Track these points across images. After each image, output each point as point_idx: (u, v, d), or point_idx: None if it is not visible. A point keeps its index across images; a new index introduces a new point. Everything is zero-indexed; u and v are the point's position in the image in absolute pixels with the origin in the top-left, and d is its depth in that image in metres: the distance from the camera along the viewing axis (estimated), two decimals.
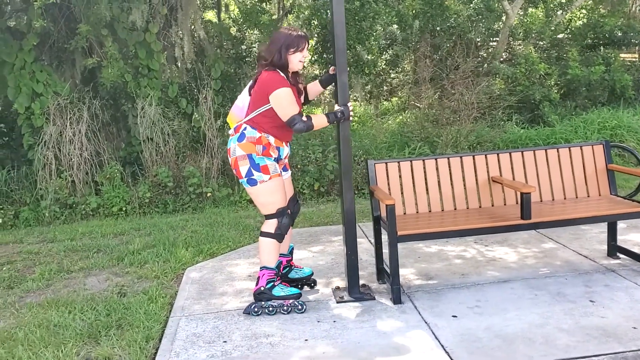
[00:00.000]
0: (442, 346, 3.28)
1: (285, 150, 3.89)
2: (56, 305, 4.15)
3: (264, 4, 9.59)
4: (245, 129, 3.74)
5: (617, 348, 3.13)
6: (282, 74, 3.69)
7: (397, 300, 3.89)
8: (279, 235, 3.81)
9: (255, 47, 9.83)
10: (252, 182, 3.73)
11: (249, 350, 3.37)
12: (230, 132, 3.84)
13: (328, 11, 8.30)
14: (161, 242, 5.55)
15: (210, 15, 11.47)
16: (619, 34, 11.12)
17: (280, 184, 3.78)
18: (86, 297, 4.30)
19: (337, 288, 4.19)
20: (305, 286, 4.23)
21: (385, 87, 11.91)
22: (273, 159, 3.78)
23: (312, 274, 4.26)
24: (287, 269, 4.18)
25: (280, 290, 3.87)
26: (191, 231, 5.96)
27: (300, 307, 3.83)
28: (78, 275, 4.86)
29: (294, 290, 3.89)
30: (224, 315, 3.88)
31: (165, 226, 6.26)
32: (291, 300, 3.84)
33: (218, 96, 8.98)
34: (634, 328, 3.34)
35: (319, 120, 3.72)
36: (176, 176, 7.50)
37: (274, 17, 10.16)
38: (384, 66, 11.05)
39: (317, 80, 4.04)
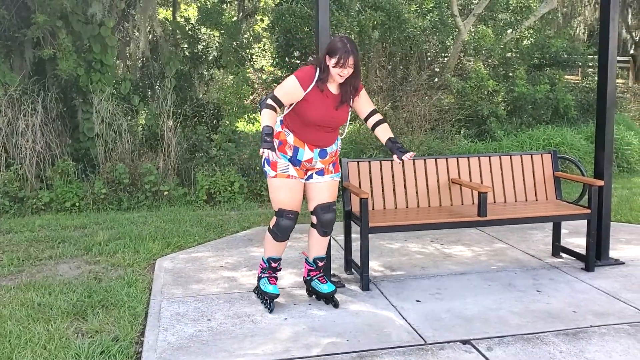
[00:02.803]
0: (409, 324, 3.90)
1: (307, 154, 3.98)
2: (34, 287, 4.51)
3: (224, 4, 10.11)
4: (277, 122, 4.05)
5: (560, 326, 3.84)
6: (317, 72, 3.88)
7: (365, 287, 4.49)
8: (274, 233, 4.06)
9: (212, 47, 10.31)
10: (265, 174, 4.10)
11: (234, 326, 3.87)
12: None
13: (291, 16, 8.91)
14: (126, 235, 5.95)
15: (165, 13, 11.87)
16: (564, 56, 12.28)
17: (286, 185, 3.97)
18: (62, 281, 4.67)
19: None
20: (325, 301, 4.25)
21: None
22: (288, 158, 3.98)
23: (334, 291, 4.19)
24: (309, 278, 4.31)
25: (263, 284, 4.18)
26: (154, 226, 6.37)
27: (268, 307, 4.09)
28: (48, 262, 5.21)
29: (273, 290, 4.09)
30: (203, 298, 4.37)
31: (126, 221, 6.64)
32: (266, 298, 4.15)
33: (172, 95, 9.39)
34: (574, 312, 4.07)
35: (264, 120, 3.79)
36: (132, 173, 7.86)
37: (234, 18, 10.68)
38: None
39: (387, 139, 4.07)
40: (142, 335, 3.77)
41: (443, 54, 12.04)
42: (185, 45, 10.42)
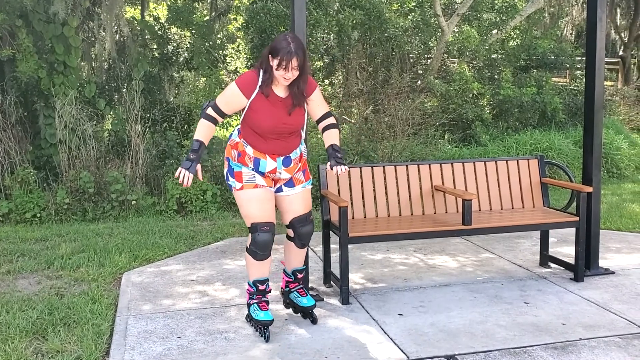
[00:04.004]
0: (392, 339, 3.90)
1: (269, 165, 3.86)
2: None
3: (195, 3, 10.09)
4: (234, 130, 3.98)
5: (548, 340, 3.86)
6: (260, 75, 3.76)
7: (345, 300, 4.49)
8: (252, 252, 3.89)
9: (183, 48, 10.27)
10: (230, 187, 3.93)
11: (205, 344, 3.84)
12: None
13: (267, 15, 8.91)
14: (91, 248, 5.88)
15: (133, 12, 11.82)
16: (551, 57, 12.43)
17: (255, 196, 3.83)
18: (21, 297, 4.59)
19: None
20: (302, 315, 4.19)
21: None
22: (251, 168, 3.86)
23: (313, 306, 4.12)
24: (287, 290, 4.24)
25: (254, 311, 3.95)
26: (121, 238, 6.30)
27: (262, 335, 3.87)
28: (6, 277, 5.12)
29: (265, 317, 3.87)
30: (173, 314, 4.32)
31: (91, 233, 6.56)
32: (259, 326, 3.94)
33: (140, 99, 9.31)
34: (563, 324, 4.10)
35: (197, 132, 3.79)
36: (97, 182, 7.77)
37: (207, 18, 10.66)
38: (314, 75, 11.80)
39: (330, 144, 3.95)
40: (107, 354, 3.73)
41: (426, 56, 12.11)
42: (155, 46, 10.35)
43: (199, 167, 3.79)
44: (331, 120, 4.03)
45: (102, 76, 9.84)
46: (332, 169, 3.88)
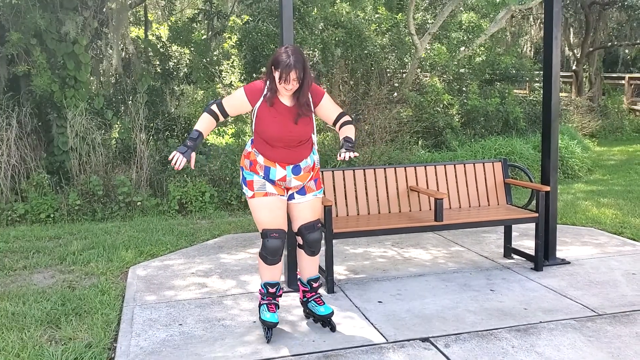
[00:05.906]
0: (372, 324, 3.90)
1: (279, 173, 3.66)
2: (8, 297, 4.38)
3: (194, 23, 10.06)
4: (248, 141, 3.81)
5: (512, 323, 3.89)
6: (267, 85, 3.61)
7: (330, 290, 4.48)
8: (263, 257, 3.73)
9: (183, 64, 10.23)
10: (244, 195, 3.79)
11: (205, 330, 3.82)
12: None
13: (258, 34, 8.90)
14: (100, 244, 5.82)
15: (137, 32, 11.75)
16: (513, 71, 12.53)
17: (265, 204, 3.67)
18: (36, 290, 4.54)
19: None
20: (322, 323, 3.91)
21: None
22: (262, 176, 3.68)
23: (331, 314, 3.85)
24: (305, 299, 3.99)
25: (263, 311, 3.79)
26: (127, 236, 6.25)
27: (266, 336, 3.71)
28: (22, 272, 5.06)
29: (270, 318, 3.71)
30: (175, 304, 4.30)
31: (100, 231, 6.50)
32: (264, 327, 3.77)
33: (144, 110, 9.27)
34: (525, 309, 4.12)
35: (198, 123, 3.64)
36: (105, 185, 7.71)
37: (204, 37, 10.63)
38: None
39: (343, 137, 3.67)
40: (115, 341, 3.70)
41: (401, 70, 12.16)
42: (157, 62, 10.31)
43: (193, 155, 3.56)
44: (346, 118, 3.79)
45: (110, 89, 9.77)
46: (340, 155, 3.56)
